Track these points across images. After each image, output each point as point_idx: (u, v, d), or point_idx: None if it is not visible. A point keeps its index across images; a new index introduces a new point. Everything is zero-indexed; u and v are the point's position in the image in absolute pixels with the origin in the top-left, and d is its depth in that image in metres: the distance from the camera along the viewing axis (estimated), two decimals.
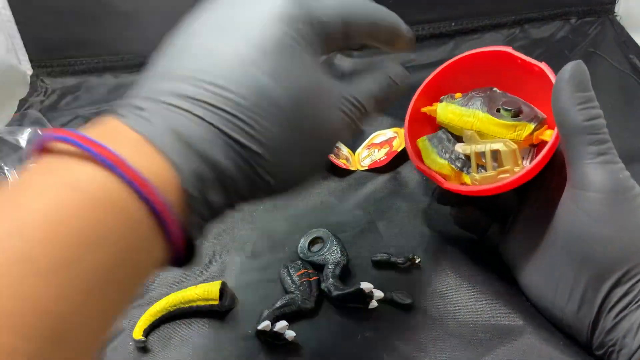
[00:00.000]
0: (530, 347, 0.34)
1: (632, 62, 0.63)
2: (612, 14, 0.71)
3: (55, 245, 0.17)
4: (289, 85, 0.23)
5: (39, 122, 0.59)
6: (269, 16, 0.24)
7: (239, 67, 0.22)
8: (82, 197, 0.19)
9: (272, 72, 0.23)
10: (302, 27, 0.24)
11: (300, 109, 0.24)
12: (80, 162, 0.19)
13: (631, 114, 0.56)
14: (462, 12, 0.71)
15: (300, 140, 0.24)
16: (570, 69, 0.31)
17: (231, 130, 0.22)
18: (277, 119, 0.23)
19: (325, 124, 0.25)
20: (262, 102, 0.22)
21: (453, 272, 0.40)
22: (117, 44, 0.72)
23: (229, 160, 0.22)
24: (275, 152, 0.23)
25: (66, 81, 0.71)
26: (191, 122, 0.22)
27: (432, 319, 0.37)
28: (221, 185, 0.22)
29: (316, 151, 0.26)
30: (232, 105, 0.22)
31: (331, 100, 0.26)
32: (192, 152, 0.21)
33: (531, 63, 0.36)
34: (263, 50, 0.23)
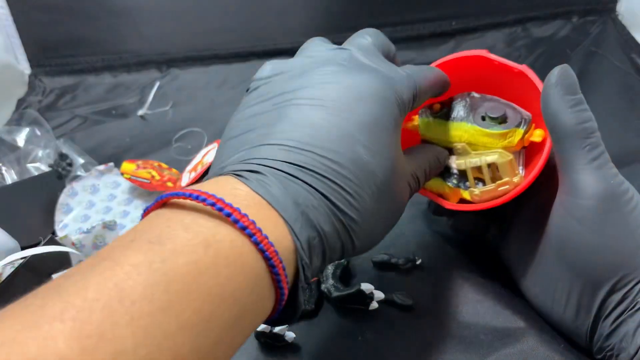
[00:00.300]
0: (531, 350, 0.33)
1: (634, 61, 0.63)
2: (614, 13, 0.71)
3: (196, 299, 0.19)
4: (382, 159, 0.26)
5: (37, 121, 0.58)
6: (368, 96, 0.27)
7: (343, 141, 0.25)
8: (216, 255, 0.20)
9: (370, 147, 0.26)
10: (395, 108, 0.28)
11: (388, 180, 0.27)
12: (211, 220, 0.21)
13: (633, 113, 0.56)
14: (463, 10, 0.71)
15: (384, 207, 0.27)
16: (557, 73, 0.30)
17: (335, 199, 0.24)
18: (370, 189, 0.26)
19: (401, 193, 0.29)
20: (361, 174, 0.25)
21: (454, 273, 0.40)
22: (115, 43, 0.72)
23: (330, 226, 0.24)
24: (366, 218, 0.26)
25: (64, 80, 0.71)
26: (305, 191, 0.24)
27: (432, 320, 0.36)
28: (322, 249, 0.24)
29: (393, 216, 0.29)
30: (337, 175, 0.24)
31: (405, 173, 0.30)
32: (306, 219, 0.23)
33: (509, 66, 0.35)
34: (363, 127, 0.26)
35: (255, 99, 0.28)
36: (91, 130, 0.63)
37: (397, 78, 0.29)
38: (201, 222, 0.21)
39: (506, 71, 0.35)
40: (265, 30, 0.72)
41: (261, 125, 0.26)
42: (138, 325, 0.17)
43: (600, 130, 0.30)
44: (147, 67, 0.72)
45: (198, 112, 0.65)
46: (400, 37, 0.71)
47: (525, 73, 0.34)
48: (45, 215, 0.48)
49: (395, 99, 0.28)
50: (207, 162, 0.51)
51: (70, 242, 0.39)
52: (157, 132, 0.62)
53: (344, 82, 0.27)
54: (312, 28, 0.73)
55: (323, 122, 0.25)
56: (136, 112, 0.66)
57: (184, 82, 0.71)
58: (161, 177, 0.52)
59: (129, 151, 0.59)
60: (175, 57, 0.72)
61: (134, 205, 0.50)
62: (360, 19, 0.72)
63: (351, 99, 0.26)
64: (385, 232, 0.29)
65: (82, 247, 0.40)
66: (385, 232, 0.29)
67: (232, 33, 0.72)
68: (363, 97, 0.26)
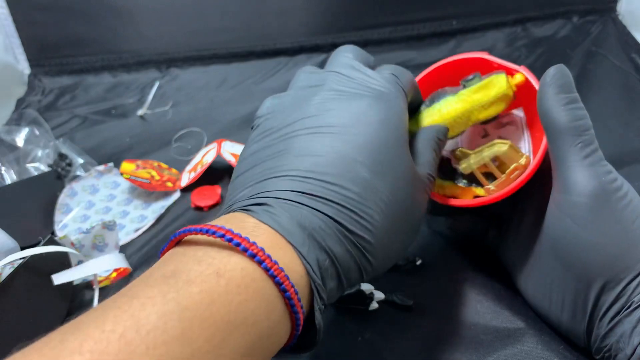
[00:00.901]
0: (531, 350, 0.33)
1: (634, 61, 0.63)
2: (614, 13, 0.71)
3: (209, 327, 0.19)
4: (387, 177, 0.27)
5: (36, 121, 0.58)
6: (364, 116, 0.28)
7: (342, 164, 0.26)
8: (228, 283, 0.21)
9: (371, 166, 0.26)
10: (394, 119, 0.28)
11: (396, 197, 0.27)
12: (222, 251, 0.22)
13: (633, 113, 0.56)
14: (463, 10, 0.71)
15: (398, 222, 0.27)
16: (552, 72, 0.31)
17: (342, 219, 0.25)
18: (378, 206, 0.26)
19: (416, 205, 0.29)
20: (365, 193, 0.26)
21: (454, 274, 0.40)
22: (114, 42, 0.72)
23: (341, 246, 0.25)
24: (379, 235, 0.26)
25: (63, 80, 0.71)
26: (310, 215, 0.24)
27: (433, 320, 0.36)
28: (335, 270, 0.25)
29: (409, 231, 0.29)
30: (341, 197, 0.25)
31: (420, 183, 0.30)
32: (313, 242, 0.24)
33: (509, 67, 0.36)
34: (362, 147, 0.26)
35: (259, 135, 0.29)
36: (91, 130, 0.63)
37: (387, 87, 0.30)
38: (213, 254, 0.22)
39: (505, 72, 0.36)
40: (265, 30, 0.72)
41: (265, 160, 0.27)
42: (153, 355, 0.18)
43: (600, 130, 0.30)
44: (147, 67, 0.72)
45: (198, 112, 0.65)
46: (401, 36, 0.71)
47: (523, 74, 0.34)
48: (44, 215, 0.48)
49: (393, 113, 0.29)
50: (206, 162, 0.51)
51: (70, 242, 0.39)
52: (156, 132, 0.62)
53: (339, 107, 0.28)
54: (312, 28, 0.73)
55: (322, 148, 0.26)
56: (136, 112, 0.66)
57: (183, 82, 0.71)
58: (161, 177, 0.52)
59: (128, 151, 0.59)
60: (175, 57, 0.72)
61: (134, 205, 0.50)
62: (360, 18, 0.72)
63: (348, 122, 0.27)
64: (404, 246, 0.30)
65: (81, 247, 0.40)
66: (404, 246, 0.30)
67: (231, 33, 0.72)
68: (359, 118, 0.27)
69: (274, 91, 0.70)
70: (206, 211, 0.49)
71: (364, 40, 0.72)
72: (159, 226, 0.47)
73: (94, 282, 0.38)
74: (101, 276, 0.41)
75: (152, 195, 0.51)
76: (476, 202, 0.35)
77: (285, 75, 0.71)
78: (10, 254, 0.36)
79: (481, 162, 0.35)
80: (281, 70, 0.72)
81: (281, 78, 0.70)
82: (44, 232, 0.47)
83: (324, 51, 0.72)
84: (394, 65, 0.33)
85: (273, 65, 0.72)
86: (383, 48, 0.72)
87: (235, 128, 0.61)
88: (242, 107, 0.65)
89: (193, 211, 0.49)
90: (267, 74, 0.71)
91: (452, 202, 0.36)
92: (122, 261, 0.41)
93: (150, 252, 0.44)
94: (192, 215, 0.48)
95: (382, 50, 0.71)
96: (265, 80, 0.71)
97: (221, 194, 0.50)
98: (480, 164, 0.35)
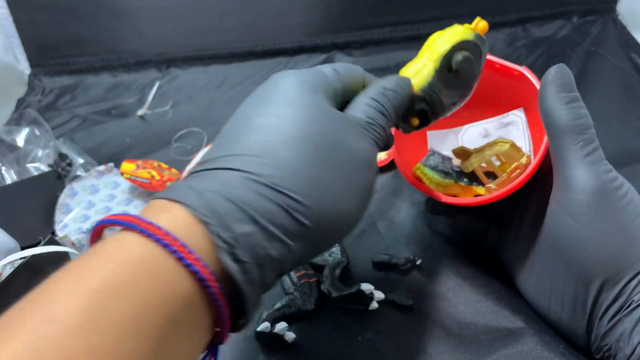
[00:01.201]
0: (531, 350, 0.33)
1: (634, 61, 0.63)
2: (614, 13, 0.71)
3: (114, 312, 0.18)
4: (291, 115, 0.25)
5: (37, 121, 0.58)
6: (272, 80, 0.28)
7: (240, 122, 0.26)
8: (131, 270, 0.19)
9: (267, 111, 0.25)
10: (321, 93, 0.27)
11: (309, 131, 0.25)
12: (129, 239, 0.20)
13: (633, 113, 0.56)
14: (463, 10, 0.71)
15: (322, 159, 0.25)
16: (553, 72, 0.31)
17: (244, 167, 0.23)
18: (285, 144, 0.24)
19: (350, 143, 0.26)
20: (265, 137, 0.24)
21: (454, 274, 0.40)
22: (114, 42, 0.72)
23: (247, 190, 0.23)
24: (292, 171, 0.24)
25: (64, 80, 0.71)
26: (214, 175, 0.23)
27: (432, 320, 0.36)
28: (244, 213, 0.22)
29: (349, 170, 0.26)
30: (239, 149, 0.24)
31: (351, 124, 0.27)
32: (211, 195, 0.22)
33: (510, 67, 0.36)
34: (261, 103, 0.26)
35: None
36: (91, 130, 0.63)
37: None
38: (119, 243, 0.20)
39: (506, 73, 0.36)
40: (265, 30, 0.72)
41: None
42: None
43: (600, 130, 0.31)
44: (147, 67, 0.72)
45: (198, 112, 0.65)
46: (401, 36, 0.71)
47: (525, 74, 0.35)
48: (45, 215, 0.48)
49: (324, 89, 0.28)
50: None
51: (70, 242, 0.39)
52: (156, 132, 0.62)
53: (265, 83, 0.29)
54: (312, 28, 0.73)
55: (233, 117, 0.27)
56: (136, 112, 0.66)
57: (183, 82, 0.71)
58: (161, 177, 0.52)
59: (128, 151, 0.59)
60: (175, 57, 0.72)
61: (134, 205, 0.50)
62: (360, 19, 0.72)
63: (261, 90, 0.28)
64: (351, 185, 0.26)
65: (81, 247, 0.40)
66: (351, 185, 0.26)
67: (231, 33, 0.72)
68: (269, 83, 0.28)
69: None
70: None
71: (363, 40, 0.72)
72: None
73: None
74: None
75: (152, 195, 0.51)
76: (477, 201, 0.35)
77: None
78: (10, 253, 0.36)
79: (482, 161, 0.35)
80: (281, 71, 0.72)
81: None
82: (45, 232, 0.47)
83: (324, 51, 0.72)
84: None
85: (273, 66, 0.72)
86: (383, 48, 0.72)
87: None
88: None
89: None
90: (267, 74, 0.71)
91: (453, 200, 0.36)
92: None
93: None
94: None
95: (382, 51, 0.71)
96: None
97: None
98: (482, 162, 0.36)
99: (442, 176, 0.38)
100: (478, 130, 0.41)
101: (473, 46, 0.31)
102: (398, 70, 0.33)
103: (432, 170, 0.38)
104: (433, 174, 0.38)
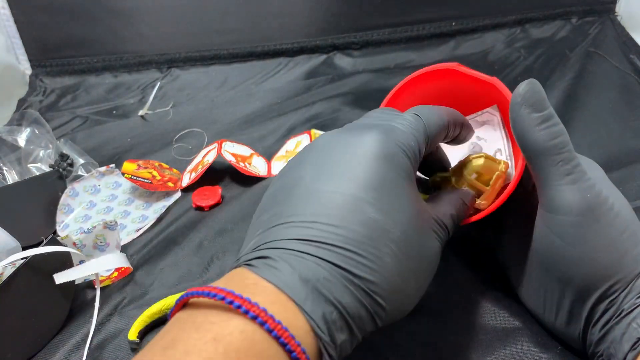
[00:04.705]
0: (530, 351, 0.33)
1: (633, 61, 0.63)
2: (613, 14, 0.71)
3: None
4: (396, 215, 0.25)
5: (38, 121, 0.58)
6: (370, 156, 0.26)
7: (349, 205, 0.24)
8: (226, 349, 0.20)
9: (380, 205, 0.25)
10: (401, 160, 0.27)
11: (407, 236, 0.26)
12: (222, 314, 0.21)
13: (632, 114, 0.56)
14: (463, 11, 0.71)
15: (410, 264, 0.26)
16: (522, 91, 0.29)
17: (349, 265, 0.23)
18: (388, 247, 0.25)
19: (427, 246, 0.28)
20: (374, 235, 0.24)
21: (454, 274, 0.40)
22: (115, 43, 0.72)
23: (348, 295, 0.23)
24: (391, 279, 0.24)
25: (65, 80, 0.71)
26: (314, 265, 0.23)
27: (432, 320, 0.37)
28: (344, 322, 0.23)
29: (424, 270, 0.28)
30: (347, 240, 0.24)
31: (429, 224, 0.28)
32: (318, 294, 0.23)
33: (480, 79, 0.36)
34: (369, 188, 0.25)
35: (281, 173, 0.29)
36: (92, 131, 0.63)
37: (399, 127, 0.28)
38: (212, 318, 0.21)
39: (478, 84, 0.36)
40: (266, 31, 0.73)
41: (272, 206, 0.26)
42: None
43: (598, 131, 0.30)
44: (148, 67, 0.72)
45: (198, 112, 0.65)
46: (400, 37, 0.72)
47: (495, 85, 0.35)
48: (46, 216, 0.48)
49: (400, 150, 0.27)
50: (207, 162, 0.51)
51: (72, 242, 0.39)
52: (157, 132, 0.62)
53: (342, 145, 0.27)
54: (313, 29, 0.73)
55: (325, 189, 0.25)
56: (137, 113, 0.66)
57: (184, 83, 0.71)
58: (162, 177, 0.52)
59: (129, 151, 0.59)
60: (176, 58, 0.72)
61: (135, 205, 0.50)
62: (360, 20, 0.72)
63: (352, 160, 0.26)
64: (419, 289, 0.28)
65: (83, 247, 0.40)
66: (419, 289, 0.28)
67: (232, 33, 0.72)
68: (364, 156, 0.26)
69: (274, 92, 0.70)
70: (207, 210, 0.49)
71: (363, 41, 0.72)
72: (160, 226, 0.48)
73: (96, 281, 0.38)
74: (103, 276, 0.42)
75: (153, 195, 0.51)
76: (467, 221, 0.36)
77: (286, 75, 0.71)
78: (12, 253, 0.36)
79: (464, 184, 0.35)
80: (282, 71, 0.72)
81: (282, 79, 0.71)
82: (46, 232, 0.47)
83: (324, 52, 0.73)
84: (426, 106, 0.32)
85: (274, 66, 0.72)
86: (383, 49, 0.72)
87: (236, 128, 0.62)
88: (242, 107, 0.65)
89: (194, 211, 0.49)
90: (268, 74, 0.72)
91: None
92: (124, 261, 0.41)
93: (151, 252, 0.45)
94: (193, 215, 0.48)
95: (381, 52, 0.71)
96: (266, 81, 0.71)
97: (222, 193, 0.50)
98: (464, 185, 0.36)
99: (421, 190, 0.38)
100: None
101: None
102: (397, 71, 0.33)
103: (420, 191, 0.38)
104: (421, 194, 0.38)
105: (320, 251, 0.23)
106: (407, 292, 0.26)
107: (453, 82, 0.38)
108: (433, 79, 0.38)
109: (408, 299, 0.27)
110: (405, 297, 0.26)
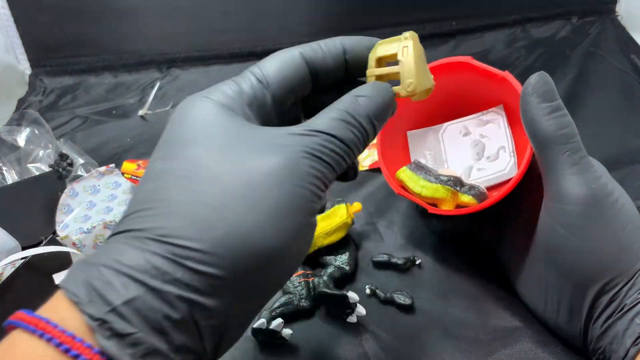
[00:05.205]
0: (530, 351, 0.33)
1: (633, 61, 0.63)
2: (613, 14, 0.71)
3: None
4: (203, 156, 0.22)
5: (37, 121, 0.58)
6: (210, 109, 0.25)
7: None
8: None
9: (186, 154, 0.23)
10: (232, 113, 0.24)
11: (219, 173, 0.21)
12: (18, 338, 0.19)
13: (632, 114, 0.56)
14: (463, 11, 0.71)
15: (233, 204, 0.20)
16: (533, 81, 0.30)
17: (144, 232, 0.20)
18: (192, 196, 0.20)
19: (261, 169, 0.21)
20: (171, 193, 0.21)
21: (453, 273, 0.40)
22: (115, 43, 0.72)
23: (149, 257, 0.19)
24: (201, 236, 0.20)
25: (65, 80, 0.71)
26: (112, 240, 0.20)
27: (432, 319, 0.37)
28: (158, 296, 0.19)
29: (265, 206, 0.21)
30: (153, 203, 0.21)
31: (269, 136, 0.23)
32: (107, 272, 0.19)
33: (493, 72, 0.36)
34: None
35: None
36: (91, 131, 0.63)
37: (225, 90, 0.26)
38: (19, 341, 0.19)
39: (490, 78, 0.36)
40: (266, 31, 0.72)
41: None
42: None
43: (599, 131, 0.31)
44: (148, 67, 0.72)
45: None
46: None
47: (507, 79, 0.35)
48: (46, 216, 0.48)
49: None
50: None
51: (71, 242, 0.39)
52: (157, 132, 0.61)
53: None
54: (312, 28, 0.73)
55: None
56: (137, 112, 0.66)
57: (184, 82, 0.71)
58: None
59: (129, 151, 0.59)
60: (176, 57, 0.72)
61: None
62: (360, 19, 0.72)
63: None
64: (276, 224, 0.21)
65: (82, 247, 0.40)
66: (276, 224, 0.21)
67: (232, 33, 0.72)
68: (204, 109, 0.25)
69: None
70: None
71: None
72: None
73: None
74: None
75: None
76: (459, 212, 0.36)
77: None
78: (11, 253, 0.36)
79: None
80: None
81: None
82: (46, 232, 0.47)
83: None
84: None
85: None
86: None
87: None
88: None
89: None
90: None
91: (438, 211, 0.37)
92: None
93: None
94: None
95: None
96: None
97: None
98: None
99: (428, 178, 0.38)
100: (458, 127, 0.41)
101: None
102: None
103: (417, 173, 0.38)
104: (417, 176, 0.38)
105: (119, 226, 0.21)
106: (234, 220, 0.20)
107: (463, 77, 0.38)
108: (445, 71, 0.38)
109: (246, 229, 0.20)
110: (234, 226, 0.20)
